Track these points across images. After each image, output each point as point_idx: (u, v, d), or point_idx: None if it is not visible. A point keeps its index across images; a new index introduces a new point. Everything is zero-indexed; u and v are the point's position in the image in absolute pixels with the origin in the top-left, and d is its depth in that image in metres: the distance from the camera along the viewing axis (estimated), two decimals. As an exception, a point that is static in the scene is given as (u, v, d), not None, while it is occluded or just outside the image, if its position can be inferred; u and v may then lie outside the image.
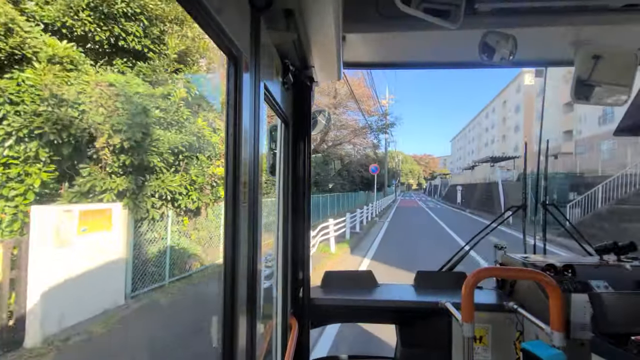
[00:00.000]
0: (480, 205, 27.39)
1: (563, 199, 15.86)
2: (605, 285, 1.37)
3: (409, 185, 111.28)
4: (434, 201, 49.39)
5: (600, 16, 1.15)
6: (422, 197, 66.84)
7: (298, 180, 1.50)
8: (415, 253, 9.66)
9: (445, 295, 1.63)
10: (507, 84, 46.48)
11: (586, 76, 1.28)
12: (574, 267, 1.48)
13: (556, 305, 1.16)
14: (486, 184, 28.35)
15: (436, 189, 66.16)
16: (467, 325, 1.23)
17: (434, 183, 74.82)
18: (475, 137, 65.22)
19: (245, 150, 0.77)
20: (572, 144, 28.65)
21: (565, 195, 16.10)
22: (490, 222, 2.14)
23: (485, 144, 56.76)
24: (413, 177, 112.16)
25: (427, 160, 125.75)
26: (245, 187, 0.78)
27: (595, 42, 1.26)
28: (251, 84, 0.81)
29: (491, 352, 1.56)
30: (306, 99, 1.51)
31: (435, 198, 58.52)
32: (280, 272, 1.44)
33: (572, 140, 28.52)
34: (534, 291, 1.46)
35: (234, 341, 0.74)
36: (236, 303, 0.74)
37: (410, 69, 1.63)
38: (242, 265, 0.77)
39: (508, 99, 46.10)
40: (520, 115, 41.56)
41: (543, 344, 1.12)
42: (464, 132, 77.90)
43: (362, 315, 1.90)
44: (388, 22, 1.22)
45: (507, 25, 1.18)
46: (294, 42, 1.12)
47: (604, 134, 23.26)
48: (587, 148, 25.45)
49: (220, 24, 0.64)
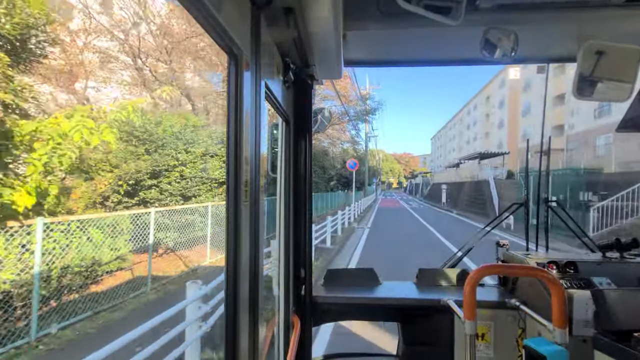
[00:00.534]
0: (469, 206, 24.91)
1: (575, 199, 13.37)
2: (607, 282, 1.41)
3: (390, 184, 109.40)
4: (416, 200, 46.92)
5: (603, 12, 1.15)
6: (403, 196, 64.16)
7: (299, 178, 1.51)
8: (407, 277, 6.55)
9: (447, 293, 1.67)
10: (490, 79, 44.89)
11: (589, 72, 1.28)
12: (576, 264, 1.51)
13: (558, 302, 1.14)
14: (474, 182, 25.90)
15: (417, 187, 62.82)
16: (469, 322, 1.21)
17: (415, 182, 71.61)
18: (456, 135, 63.89)
19: (246, 149, 0.77)
20: (563, 139, 26.83)
21: (576, 196, 13.59)
22: (491, 220, 2.20)
23: (467, 142, 55.29)
24: (393, 176, 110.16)
25: (407, 159, 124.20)
26: (247, 186, 0.78)
27: (598, 38, 1.24)
28: (252, 83, 0.81)
29: (493, 349, 1.57)
30: (307, 97, 1.52)
31: (417, 197, 55.83)
32: (282, 271, 1.43)
33: (564, 135, 26.68)
34: (536, 288, 1.47)
35: (237, 339, 0.75)
36: (238, 301, 0.75)
37: (411, 66, 1.65)
38: (244, 264, 0.78)
39: (491, 94, 44.46)
40: (504, 110, 39.85)
41: (545, 341, 1.12)
42: (444, 130, 76.90)
43: (364, 313, 1.89)
44: (389, 19, 1.21)
45: (508, 22, 1.17)
46: (295, 40, 1.11)
47: (600, 128, 21.44)
48: (582, 143, 23.54)
49: (220, 22, 0.63)
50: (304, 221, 1.53)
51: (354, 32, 1.27)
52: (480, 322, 1.52)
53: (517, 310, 1.46)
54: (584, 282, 1.40)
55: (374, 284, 1.89)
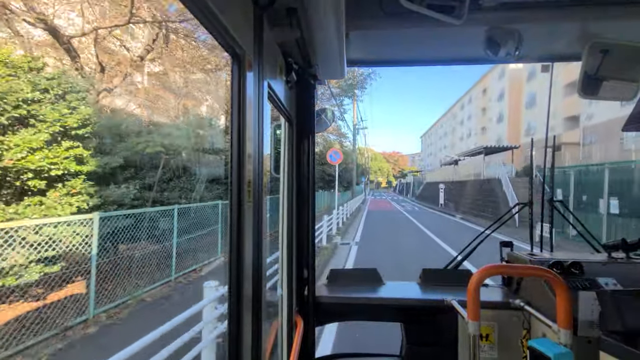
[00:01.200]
0: (475, 209, 21.11)
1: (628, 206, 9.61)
2: (613, 283, 1.38)
3: (378, 183, 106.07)
4: (408, 201, 43.24)
5: (608, 10, 1.13)
6: (393, 196, 60.38)
7: (302, 179, 1.51)
8: None
9: (451, 293, 1.62)
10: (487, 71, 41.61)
11: (594, 71, 1.26)
12: (581, 264, 1.48)
13: (563, 302, 1.13)
14: (480, 181, 22.20)
15: (408, 187, 59.13)
16: (473, 323, 1.19)
17: (404, 181, 68.65)
18: (448, 132, 60.66)
19: (249, 149, 0.77)
20: (578, 132, 23.49)
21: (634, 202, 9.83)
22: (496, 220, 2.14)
23: (461, 138, 52.04)
24: (382, 175, 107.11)
25: (396, 158, 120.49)
26: (250, 186, 0.78)
27: (603, 37, 1.23)
28: (255, 83, 0.81)
29: (497, 350, 1.54)
30: (310, 97, 1.51)
31: (408, 197, 52.32)
32: (285, 271, 1.44)
33: (580, 127, 23.33)
34: (540, 289, 1.44)
35: (240, 339, 0.75)
36: (242, 301, 0.75)
37: (414, 65, 1.64)
38: (247, 264, 0.78)
39: (488, 86, 41.17)
40: (503, 103, 36.58)
41: (550, 342, 1.10)
42: (434, 128, 73.83)
43: (368, 314, 1.84)
44: (391, 19, 1.20)
45: (512, 21, 1.17)
46: (297, 40, 1.11)
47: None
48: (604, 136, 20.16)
49: (223, 23, 0.64)
50: (307, 222, 1.53)
51: (356, 32, 1.26)
52: (484, 322, 1.51)
53: (522, 311, 1.43)
54: (589, 283, 1.39)
55: (377, 284, 1.88)
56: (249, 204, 0.77)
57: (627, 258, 1.55)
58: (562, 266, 1.45)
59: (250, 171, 0.77)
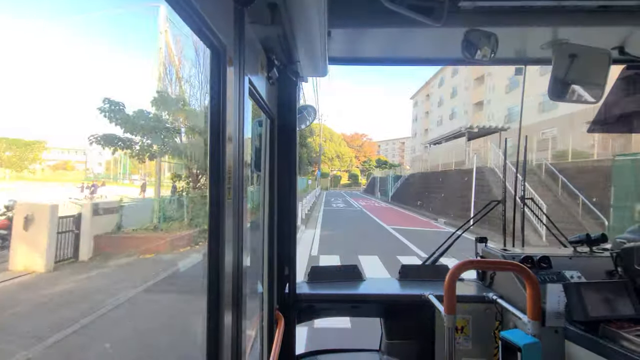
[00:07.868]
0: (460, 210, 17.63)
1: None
2: (578, 276, 1.50)
3: (337, 178, 70.19)
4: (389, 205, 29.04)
5: (576, 17, 1.20)
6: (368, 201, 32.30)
7: (283, 176, 1.52)
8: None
9: (428, 288, 1.65)
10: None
11: (562, 75, 1.32)
12: (550, 258, 1.58)
13: (533, 295, 1.18)
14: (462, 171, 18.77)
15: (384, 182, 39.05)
16: (449, 316, 1.24)
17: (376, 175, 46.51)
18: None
19: (229, 146, 0.76)
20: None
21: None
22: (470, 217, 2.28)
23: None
24: (342, 164, 72.81)
25: (361, 142, 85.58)
26: (230, 183, 0.77)
27: (572, 42, 1.29)
28: (235, 79, 0.80)
29: (472, 342, 1.60)
30: (292, 94, 1.52)
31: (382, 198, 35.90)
32: (266, 268, 1.45)
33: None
34: (512, 282, 1.53)
35: (219, 338, 0.74)
36: (221, 299, 0.74)
37: (395, 65, 1.66)
38: (227, 262, 0.77)
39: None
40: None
41: (520, 333, 1.18)
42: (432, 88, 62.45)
43: (348, 310, 1.93)
44: (373, 18, 1.23)
45: (489, 24, 1.21)
46: (279, 37, 1.12)
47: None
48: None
49: (203, 16, 0.63)
50: (288, 219, 1.54)
51: (338, 30, 1.29)
52: (460, 315, 1.57)
53: (494, 304, 1.53)
54: (556, 276, 1.49)
55: (357, 280, 1.90)
56: (229, 201, 0.76)
57: (590, 252, 1.69)
58: (532, 260, 1.56)
59: (230, 168, 0.76)
